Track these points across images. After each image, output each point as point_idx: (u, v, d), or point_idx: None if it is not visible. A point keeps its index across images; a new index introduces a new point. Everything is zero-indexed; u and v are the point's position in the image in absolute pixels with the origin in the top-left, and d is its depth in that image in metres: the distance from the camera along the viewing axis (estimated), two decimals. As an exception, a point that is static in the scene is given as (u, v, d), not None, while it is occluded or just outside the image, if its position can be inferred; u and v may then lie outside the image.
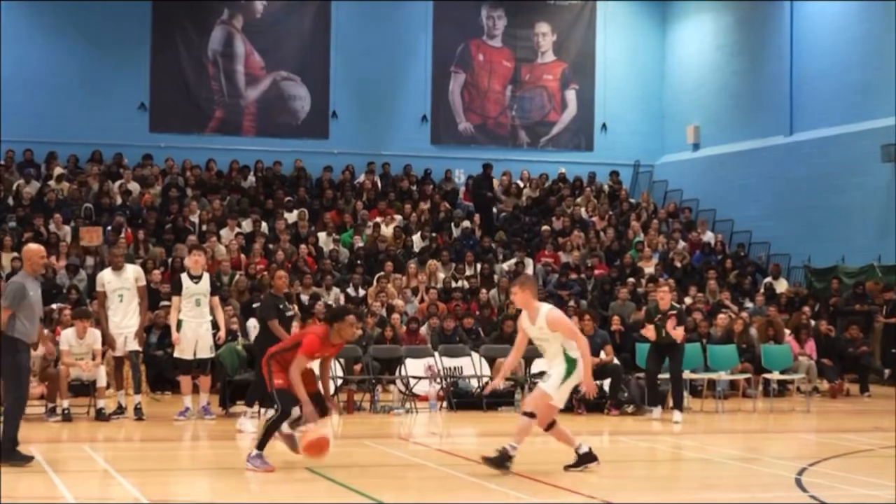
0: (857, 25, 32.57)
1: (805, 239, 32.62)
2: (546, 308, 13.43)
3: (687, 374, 21.28)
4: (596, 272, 30.22)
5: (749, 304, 28.87)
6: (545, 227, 32.75)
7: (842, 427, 19.51)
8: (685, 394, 20.91)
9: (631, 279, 29.08)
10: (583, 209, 34.94)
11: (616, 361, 21.30)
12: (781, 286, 30.77)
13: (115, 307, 18.78)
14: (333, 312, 13.66)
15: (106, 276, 19.05)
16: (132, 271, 19.18)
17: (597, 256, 31.39)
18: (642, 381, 21.10)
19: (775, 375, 23.72)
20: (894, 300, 27.96)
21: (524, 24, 38.86)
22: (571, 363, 13.23)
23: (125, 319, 18.79)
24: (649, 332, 20.19)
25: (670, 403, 20.40)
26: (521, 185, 36.22)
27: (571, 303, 27.05)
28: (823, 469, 14.21)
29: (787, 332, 25.39)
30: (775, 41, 35.36)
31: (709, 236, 34.30)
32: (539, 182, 36.47)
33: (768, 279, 31.29)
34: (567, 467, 13.45)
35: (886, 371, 27.62)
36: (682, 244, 33.10)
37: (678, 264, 31.34)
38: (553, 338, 13.27)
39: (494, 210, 34.32)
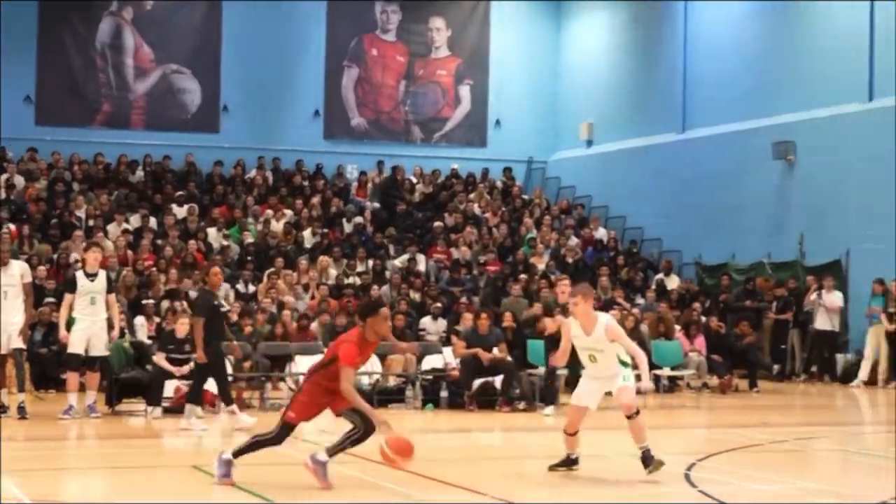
0: (750, 25, 32.94)
1: (696, 236, 32.95)
2: (604, 318, 13.22)
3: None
4: (488, 268, 30.28)
5: (640, 301, 29.07)
6: (438, 224, 32.75)
7: (731, 422, 19.70)
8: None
9: (523, 275, 29.15)
10: (476, 205, 34.98)
11: (509, 358, 21.31)
12: (673, 283, 31.04)
13: (-1, 304, 18.45)
14: (364, 308, 12.70)
15: (-10, 273, 18.68)
16: (18, 267, 18.82)
17: (489, 253, 31.45)
18: (534, 378, 21.17)
19: (666, 371, 23.95)
20: (784, 297, 28.34)
21: (418, 19, 38.82)
22: (626, 366, 13.24)
23: (9, 316, 18.43)
24: (552, 325, 20.25)
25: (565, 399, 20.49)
26: (415, 181, 36.17)
27: (464, 299, 27.07)
28: (712, 464, 14.32)
29: (678, 328, 25.62)
30: (669, 40, 35.66)
31: (601, 233, 34.49)
32: (432, 178, 36.46)
33: (660, 276, 31.53)
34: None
35: (775, 367, 28.00)
36: (574, 241, 33.24)
37: (570, 261, 31.47)
38: (609, 348, 13.09)
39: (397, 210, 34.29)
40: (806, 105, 30.51)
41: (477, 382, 20.77)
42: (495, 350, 21.07)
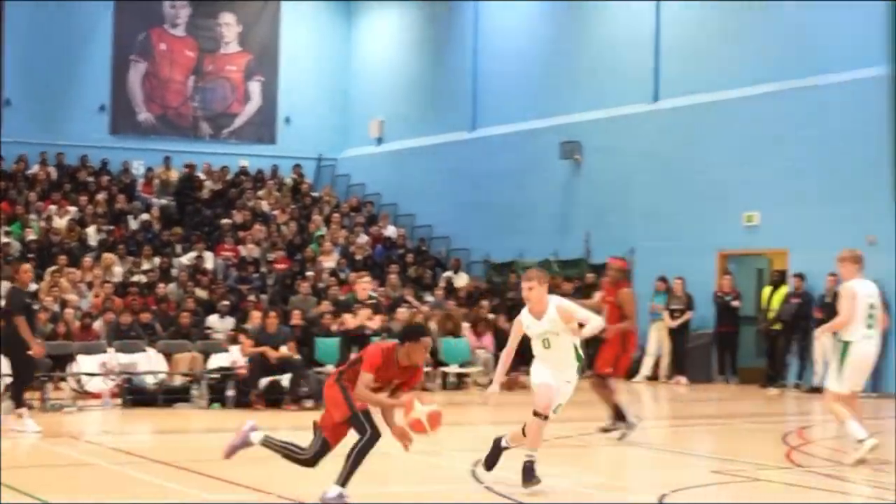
0: (540, 26, 33.35)
1: (485, 234, 33.24)
2: (555, 300, 12.75)
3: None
4: (277, 266, 30.09)
5: (429, 298, 29.21)
6: (226, 221, 32.42)
7: (517, 419, 19.84)
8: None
9: (311, 273, 29.04)
10: (264, 203, 34.72)
11: (297, 356, 21.20)
12: (461, 281, 31.26)
13: None
14: (408, 331, 11.76)
15: None
16: None
17: (278, 251, 31.25)
18: (322, 376, 21.09)
19: (453, 368, 24.12)
20: (570, 294, 28.73)
21: (208, 14, 38.37)
22: (581, 359, 12.73)
23: None
24: (349, 321, 20.26)
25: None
26: (203, 177, 35.73)
27: (252, 297, 26.86)
28: (499, 461, 14.41)
29: (466, 325, 25.80)
30: (459, 39, 35.89)
31: (391, 231, 34.58)
32: (221, 174, 36.06)
33: (448, 273, 31.74)
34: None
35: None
36: (363, 238, 33.24)
37: (359, 258, 31.46)
38: (564, 331, 12.50)
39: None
40: (593, 105, 31.04)
41: (264, 381, 20.62)
42: (283, 348, 20.95)
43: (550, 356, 12.73)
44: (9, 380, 18.03)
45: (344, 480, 11.55)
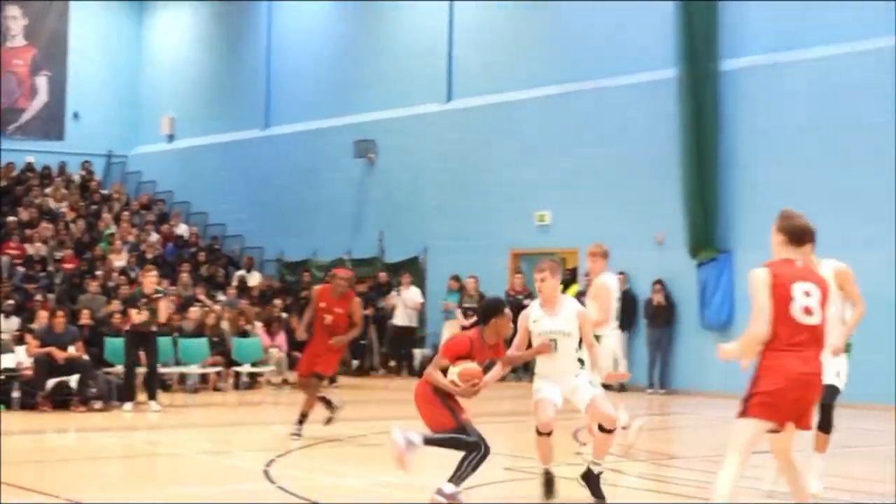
0: (333, 25, 33.34)
1: (279, 232, 33.10)
2: (569, 298, 11.89)
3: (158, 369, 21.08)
4: (65, 265, 29.44)
5: (222, 297, 28.93)
6: (11, 218, 31.61)
7: (312, 417, 19.79)
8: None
9: (101, 272, 28.51)
10: (52, 200, 33.95)
11: (85, 357, 20.73)
12: (255, 279, 31.07)
13: None
14: (488, 309, 11.26)
15: None
16: None
17: (66, 249, 30.59)
18: (111, 377, 20.73)
19: (246, 368, 23.93)
20: (365, 293, 28.74)
21: (-7, 7, 37.45)
22: (583, 365, 11.78)
23: None
24: (137, 316, 19.91)
25: (141, 397, 20.21)
26: (-13, 173, 34.82)
27: (39, 297, 26.22)
28: (292, 460, 14.35)
29: (259, 324, 25.62)
30: (253, 37, 35.70)
31: (182, 229, 34.19)
32: (6, 171, 35.14)
33: (241, 272, 31.51)
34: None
35: (355, 362, 28.39)
36: (154, 237, 32.79)
37: (150, 256, 30.98)
38: (575, 332, 11.56)
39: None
40: (387, 105, 31.14)
41: (51, 382, 20.12)
42: (71, 348, 20.47)
43: (553, 362, 11.61)
44: None
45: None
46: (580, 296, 25.84)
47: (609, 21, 26.57)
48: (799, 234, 8.67)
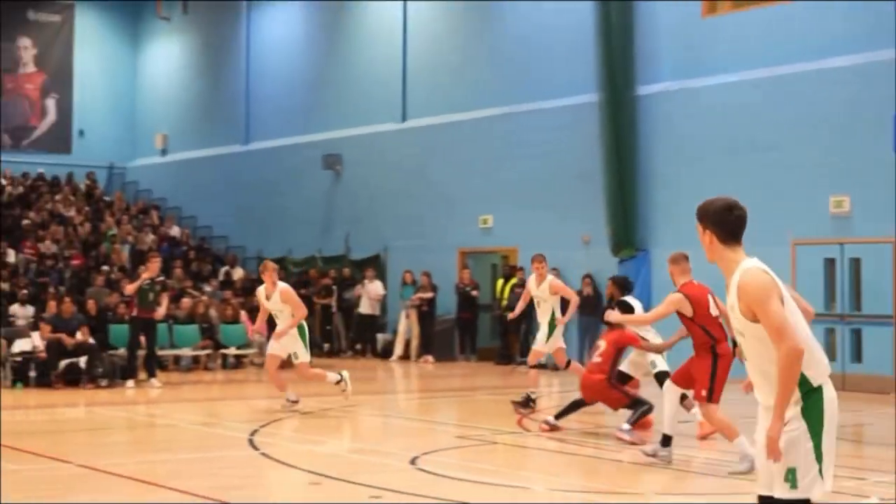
0: (304, 54, 33.29)
1: (259, 234, 33.06)
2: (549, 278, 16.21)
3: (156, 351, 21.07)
4: (73, 262, 29.28)
5: (209, 289, 28.85)
6: (26, 221, 31.40)
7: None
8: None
9: (105, 267, 28.38)
10: (61, 205, 33.73)
11: (91, 341, 20.67)
12: (238, 274, 31.00)
13: None
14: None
15: None
16: None
17: (74, 248, 30.42)
18: (115, 358, 20.71)
19: (232, 350, 23.92)
20: (327, 286, 28.74)
21: (7, 38, 37.10)
22: (553, 327, 15.77)
23: None
24: (129, 288, 19.98)
25: (141, 376, 20.22)
26: (4, 183, 34.49)
27: (51, 289, 26.06)
28: (272, 430, 14.40)
29: (243, 313, 25.60)
30: (234, 65, 35.61)
31: (175, 230, 34.05)
32: (21, 181, 34.91)
33: (227, 268, 31.44)
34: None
35: (325, 345, 28.39)
36: (151, 237, 32.64)
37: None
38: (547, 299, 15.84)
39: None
40: (351, 123, 31.15)
41: (63, 363, 20.07)
42: (78, 334, 20.42)
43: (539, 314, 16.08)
44: None
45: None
46: (515, 288, 26.10)
47: (541, 51, 26.70)
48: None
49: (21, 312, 23.97)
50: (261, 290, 16.45)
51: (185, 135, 37.03)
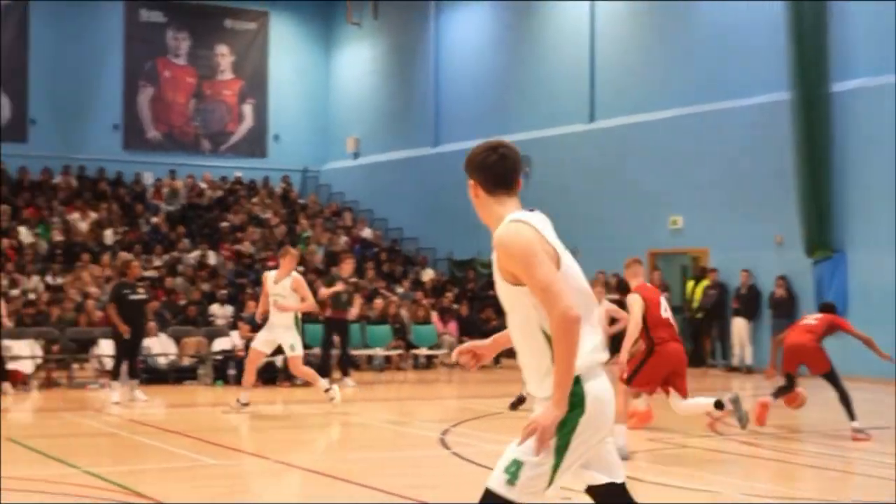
0: (492, 55, 33.46)
1: (448, 235, 33.30)
2: None
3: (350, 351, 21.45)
4: (269, 263, 30.03)
5: (400, 290, 29.27)
6: (224, 224, 32.35)
7: (479, 394, 20.00)
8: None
9: (301, 267, 29.03)
10: (258, 208, 34.67)
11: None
12: (428, 275, 31.34)
13: None
14: None
15: None
16: None
17: (270, 250, 31.21)
18: (311, 358, 21.12)
19: (423, 351, 24.19)
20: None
21: (206, 46, 38.27)
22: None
23: None
24: (324, 292, 20.34)
25: (336, 375, 20.60)
26: (204, 186, 35.65)
27: (249, 290, 26.80)
28: (463, 429, 14.51)
29: (434, 313, 25.87)
30: (423, 67, 35.99)
31: (367, 232, 34.61)
32: (220, 184, 36.01)
33: (417, 268, 31.81)
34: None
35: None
36: (344, 239, 33.27)
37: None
38: None
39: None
40: (539, 124, 31.19)
41: (262, 361, 20.57)
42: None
43: None
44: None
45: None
46: (708, 290, 25.77)
47: (732, 49, 26.29)
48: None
49: (220, 312, 24.78)
50: (269, 275, 16.41)
51: (376, 138, 37.59)
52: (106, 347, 21.45)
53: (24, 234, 29.30)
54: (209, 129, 38.28)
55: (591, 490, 4.84)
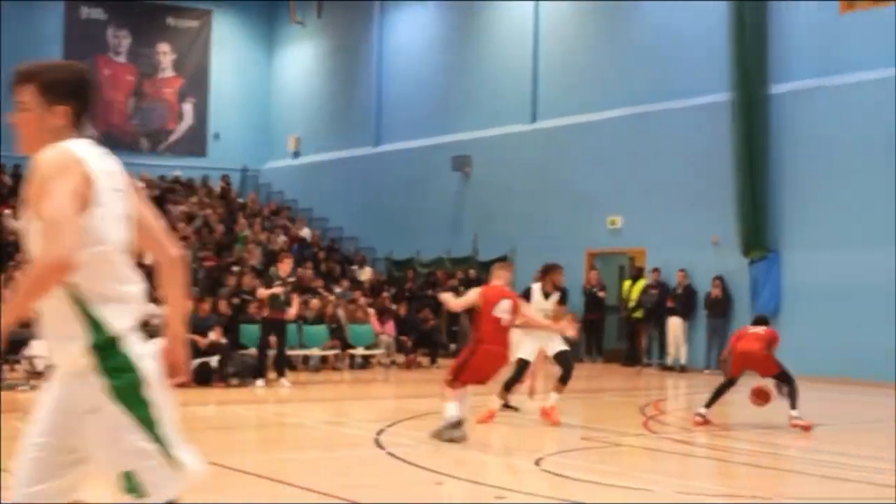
0: (435, 56, 33.41)
1: (387, 235, 33.23)
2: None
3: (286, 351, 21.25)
4: (206, 263, 29.77)
5: (338, 290, 29.08)
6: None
7: (415, 393, 19.90)
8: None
9: (237, 268, 28.79)
10: (196, 207, 34.32)
11: (224, 340, 20.97)
12: (366, 274, 31.19)
13: None
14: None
15: None
16: None
17: (208, 249, 30.92)
18: (246, 358, 20.93)
19: (360, 350, 24.04)
20: (455, 286, 28.76)
21: (147, 44, 37.95)
22: None
23: None
24: (262, 292, 20.15)
25: (271, 376, 20.40)
26: (142, 185, 35.23)
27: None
28: (398, 429, 14.39)
29: (371, 313, 25.73)
30: (366, 67, 35.89)
31: (306, 232, 34.41)
32: (159, 183, 35.63)
33: (355, 268, 31.67)
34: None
35: (452, 346, 28.39)
36: (282, 238, 33.03)
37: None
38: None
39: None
40: (481, 124, 31.16)
41: (196, 362, 20.36)
42: (211, 334, 20.71)
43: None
44: None
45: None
46: (647, 289, 25.83)
47: (673, 50, 26.39)
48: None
49: (156, 312, 24.43)
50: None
51: (317, 137, 37.44)
52: (37, 348, 21.11)
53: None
54: (148, 127, 37.96)
55: None
